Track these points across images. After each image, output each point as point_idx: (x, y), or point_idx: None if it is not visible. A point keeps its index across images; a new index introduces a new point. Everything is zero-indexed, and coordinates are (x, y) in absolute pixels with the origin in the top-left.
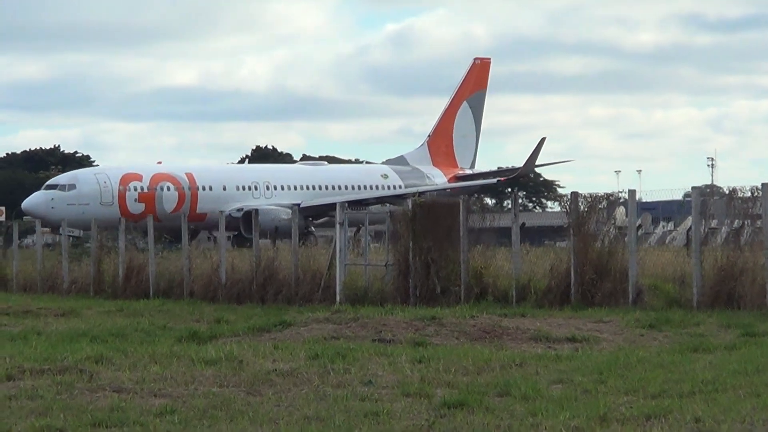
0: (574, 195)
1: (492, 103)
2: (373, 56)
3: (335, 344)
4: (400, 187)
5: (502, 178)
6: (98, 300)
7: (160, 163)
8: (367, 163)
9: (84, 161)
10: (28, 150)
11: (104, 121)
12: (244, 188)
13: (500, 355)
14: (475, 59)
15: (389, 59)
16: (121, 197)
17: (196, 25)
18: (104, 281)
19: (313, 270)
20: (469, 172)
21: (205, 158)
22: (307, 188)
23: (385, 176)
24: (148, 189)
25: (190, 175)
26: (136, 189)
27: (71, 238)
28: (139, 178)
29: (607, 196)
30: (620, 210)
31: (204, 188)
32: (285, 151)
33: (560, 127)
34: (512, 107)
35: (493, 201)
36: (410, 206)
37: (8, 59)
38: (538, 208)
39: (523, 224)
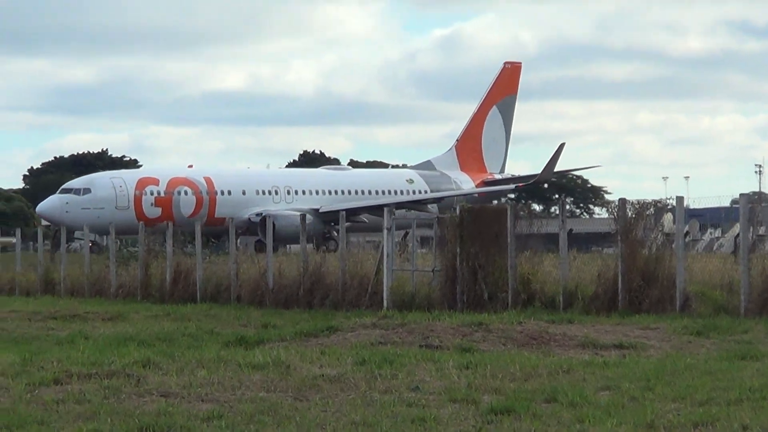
0: (622, 201)
1: (540, 108)
2: (421, 61)
3: (382, 350)
4: (426, 192)
5: (521, 184)
6: (145, 304)
7: (191, 166)
8: (393, 167)
9: (132, 165)
10: (76, 154)
11: (152, 124)
12: (264, 192)
13: (547, 361)
14: (505, 63)
15: (437, 64)
16: (137, 201)
17: (244, 28)
18: (151, 285)
19: (360, 275)
20: (498, 176)
21: (253, 162)
22: (329, 193)
23: (411, 181)
24: (164, 193)
25: (208, 180)
26: (152, 193)
27: (90, 244)
28: (155, 182)
29: (655, 203)
30: (668, 216)
31: (222, 192)
32: (332, 155)
33: (608, 133)
34: (560, 113)
35: (541, 207)
36: (458, 212)
37: (56, 63)
38: (585, 214)
39: (571, 230)
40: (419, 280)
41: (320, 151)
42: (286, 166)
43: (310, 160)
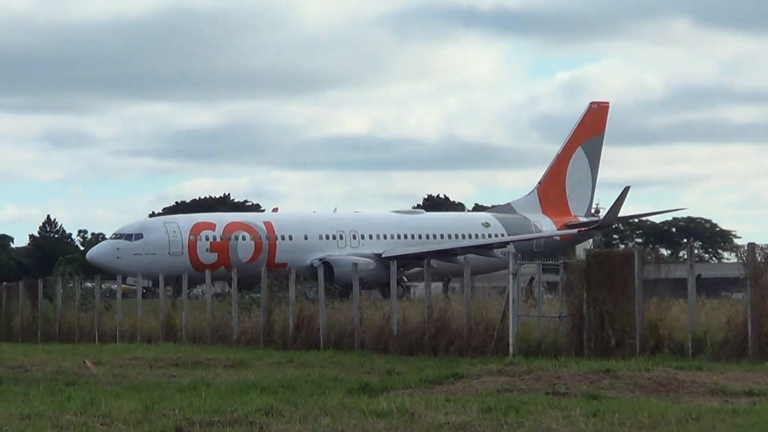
0: (751, 246)
1: (665, 152)
2: (544, 104)
3: (508, 397)
4: (502, 236)
5: (583, 228)
6: (268, 351)
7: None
8: (469, 211)
9: (254, 210)
10: (197, 198)
11: (274, 169)
12: (327, 237)
13: (676, 408)
14: (591, 103)
15: (560, 107)
16: (192, 247)
17: (366, 72)
18: (274, 332)
19: (485, 321)
20: (582, 219)
21: (375, 207)
22: (398, 237)
23: (487, 225)
24: (221, 238)
25: (268, 224)
26: (207, 238)
27: (143, 289)
28: (211, 227)
29: None
30: None
31: (283, 237)
32: (457, 200)
33: (736, 177)
34: (687, 156)
35: (669, 251)
36: (584, 257)
37: (176, 107)
38: (714, 258)
39: (699, 275)
40: (545, 326)
41: (444, 195)
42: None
43: (434, 204)
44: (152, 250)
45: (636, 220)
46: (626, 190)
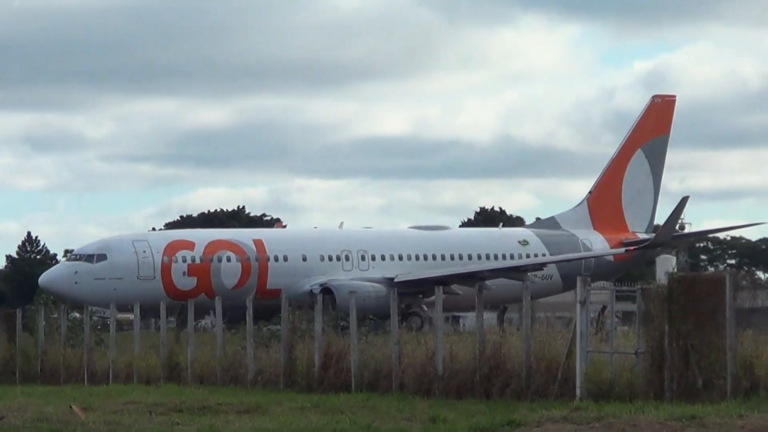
0: None
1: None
2: (619, 99)
3: None
4: (543, 255)
5: (632, 248)
6: (289, 394)
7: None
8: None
9: (272, 226)
10: (206, 212)
11: (297, 177)
12: (331, 258)
13: None
14: (654, 97)
15: (637, 103)
16: (165, 270)
17: (408, 61)
18: (297, 371)
19: (548, 358)
20: (643, 236)
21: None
22: (415, 258)
23: (525, 243)
24: (200, 260)
25: (258, 242)
26: (185, 260)
27: (97, 319)
28: (189, 246)
29: None
30: None
31: (276, 258)
32: (514, 213)
33: None
34: None
35: (767, 275)
36: (666, 282)
37: (182, 103)
38: None
39: None
40: (619, 364)
41: (500, 208)
42: (460, 226)
43: (488, 218)
44: (118, 273)
45: (725, 236)
46: (684, 200)
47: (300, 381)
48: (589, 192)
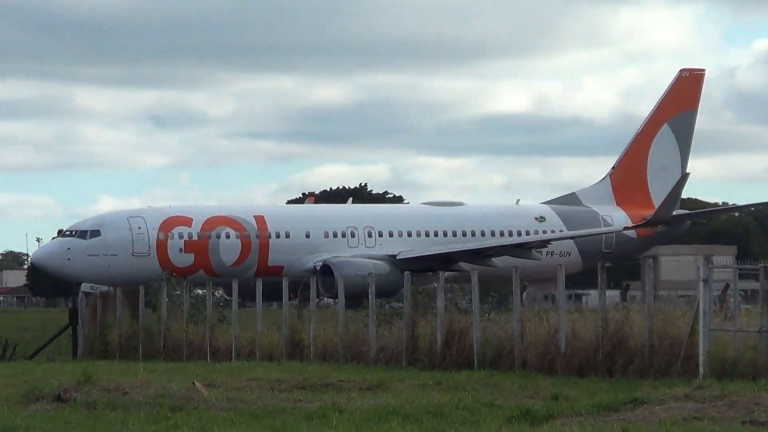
0: None
1: None
2: (742, 78)
3: (697, 426)
4: (561, 232)
5: (629, 226)
6: (412, 371)
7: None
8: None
9: (395, 203)
10: (328, 189)
11: (419, 154)
12: (335, 235)
13: None
14: (682, 71)
15: (761, 82)
16: (161, 246)
17: (528, 39)
18: (419, 349)
19: (671, 337)
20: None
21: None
22: (425, 235)
23: (542, 219)
24: (198, 236)
25: (259, 219)
26: (181, 236)
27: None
28: (187, 222)
29: None
30: None
31: (278, 235)
32: None
33: None
34: None
35: None
36: None
37: (302, 81)
38: None
39: None
40: (743, 343)
41: None
42: None
43: None
44: (112, 250)
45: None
46: (684, 177)
47: (422, 358)
48: (612, 168)
